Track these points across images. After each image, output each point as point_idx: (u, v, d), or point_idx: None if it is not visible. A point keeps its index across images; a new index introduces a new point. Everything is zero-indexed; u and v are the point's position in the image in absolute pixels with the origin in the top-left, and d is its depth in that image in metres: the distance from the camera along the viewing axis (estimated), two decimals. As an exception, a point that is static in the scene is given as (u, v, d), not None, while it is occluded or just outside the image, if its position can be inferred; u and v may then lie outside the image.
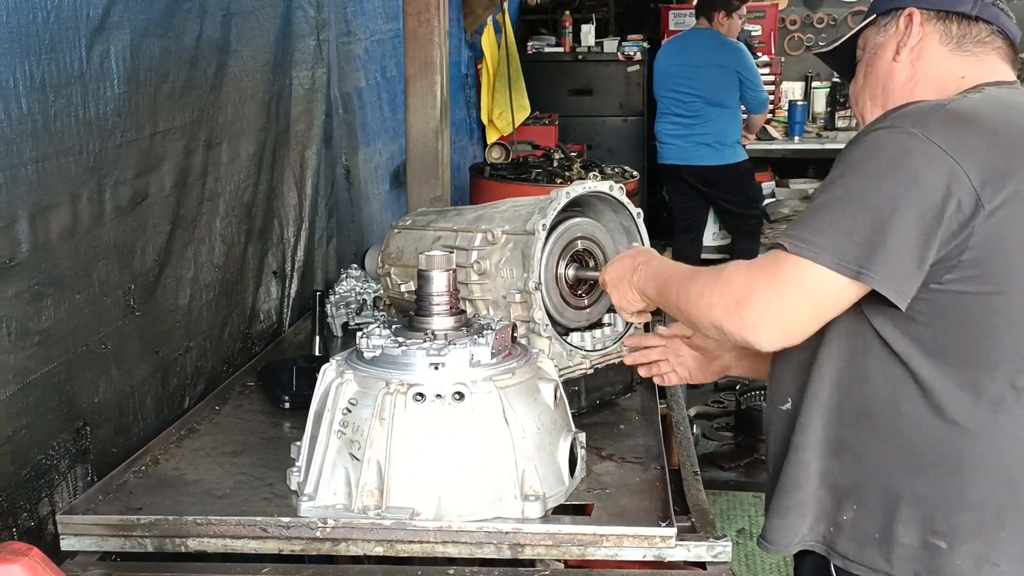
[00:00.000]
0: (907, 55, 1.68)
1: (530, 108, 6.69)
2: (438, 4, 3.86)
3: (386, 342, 1.87)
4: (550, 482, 1.82)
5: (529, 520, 1.76)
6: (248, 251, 2.97)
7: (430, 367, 1.80)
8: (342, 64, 3.88)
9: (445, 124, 4.07)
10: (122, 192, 2.26)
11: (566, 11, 7.90)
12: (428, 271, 1.94)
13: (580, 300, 2.32)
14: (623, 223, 2.40)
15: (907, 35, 1.67)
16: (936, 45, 1.67)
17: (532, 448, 1.80)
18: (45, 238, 1.99)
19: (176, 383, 2.55)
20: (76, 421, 2.12)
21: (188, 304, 2.61)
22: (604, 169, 5.39)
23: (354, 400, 1.81)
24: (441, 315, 1.93)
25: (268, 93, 3.04)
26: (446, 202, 4.12)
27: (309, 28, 3.33)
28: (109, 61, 2.17)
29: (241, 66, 2.83)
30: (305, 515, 1.78)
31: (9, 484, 1.89)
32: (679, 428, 2.33)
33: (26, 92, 1.90)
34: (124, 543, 1.80)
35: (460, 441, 1.77)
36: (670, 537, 1.73)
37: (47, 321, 2.01)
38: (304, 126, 3.33)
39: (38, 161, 1.95)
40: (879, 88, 1.72)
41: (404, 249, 2.59)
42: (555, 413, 1.90)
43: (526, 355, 1.95)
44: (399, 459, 1.75)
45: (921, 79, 1.68)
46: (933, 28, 1.66)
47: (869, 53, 1.75)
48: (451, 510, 1.76)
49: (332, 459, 1.81)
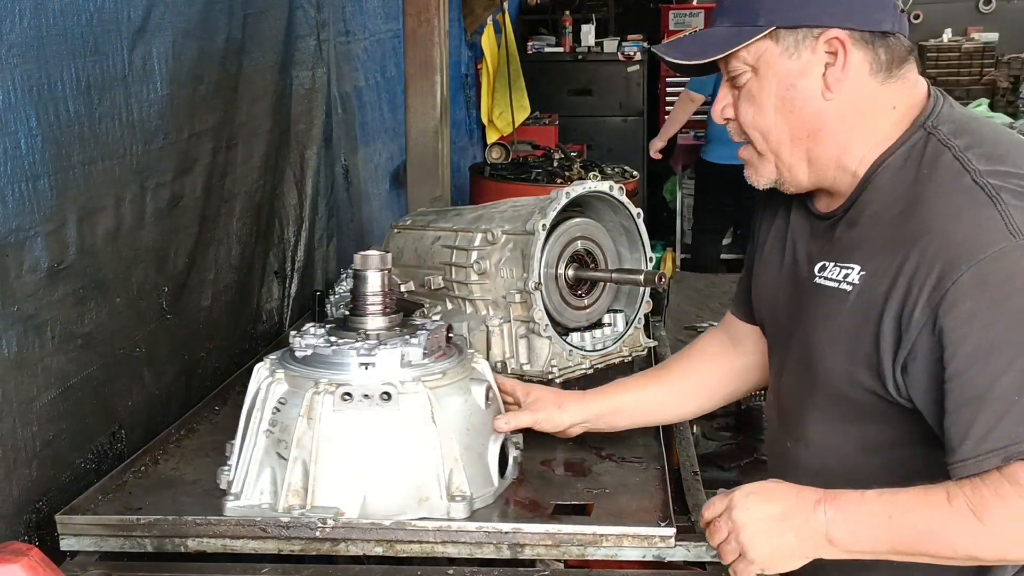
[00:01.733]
0: (840, 91, 1.43)
1: (530, 108, 6.70)
2: (438, 4, 3.86)
3: (318, 341, 1.87)
4: (478, 483, 1.82)
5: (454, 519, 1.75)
6: (256, 252, 2.98)
7: (360, 367, 1.80)
8: (340, 64, 3.88)
9: (445, 124, 4.06)
10: (162, 194, 2.28)
11: (566, 11, 7.91)
12: (362, 271, 1.94)
13: (580, 300, 2.32)
14: (623, 223, 2.40)
15: (842, 67, 1.42)
16: (867, 77, 1.44)
17: (460, 449, 1.80)
18: (91, 241, 2.01)
19: (197, 385, 2.56)
20: (112, 424, 2.14)
21: (210, 306, 2.62)
22: (604, 169, 5.39)
23: (283, 399, 1.82)
24: (375, 315, 1.92)
25: (276, 93, 3.04)
26: (446, 202, 4.12)
27: (309, 28, 3.33)
28: (151, 63, 2.19)
29: (254, 66, 2.84)
30: (229, 514, 1.78)
31: (49, 488, 1.91)
32: (679, 428, 2.32)
33: (73, 94, 1.92)
34: (124, 543, 1.80)
35: (386, 441, 1.77)
36: (670, 537, 1.73)
37: (89, 324, 2.03)
38: (304, 126, 3.33)
39: (85, 164, 1.97)
40: (804, 131, 1.48)
41: (404, 249, 2.60)
42: (486, 414, 1.89)
43: (460, 356, 1.94)
44: (325, 459, 1.75)
45: (854, 119, 1.46)
46: (862, 56, 1.43)
47: (773, 78, 1.46)
48: (376, 510, 1.76)
49: (260, 458, 1.81)
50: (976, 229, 1.30)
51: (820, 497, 1.41)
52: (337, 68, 3.78)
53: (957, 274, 1.28)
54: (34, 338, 1.86)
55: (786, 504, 1.43)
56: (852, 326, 1.44)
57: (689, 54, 1.50)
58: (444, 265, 2.38)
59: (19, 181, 1.78)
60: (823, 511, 1.39)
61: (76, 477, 1.99)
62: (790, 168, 1.53)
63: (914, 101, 1.48)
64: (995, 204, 1.30)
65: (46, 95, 1.84)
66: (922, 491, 1.34)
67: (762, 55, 1.46)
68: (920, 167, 1.42)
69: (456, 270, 2.34)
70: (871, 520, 1.36)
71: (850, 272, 1.45)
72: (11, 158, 1.76)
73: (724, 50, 1.46)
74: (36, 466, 1.87)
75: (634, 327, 2.39)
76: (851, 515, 1.38)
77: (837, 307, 1.47)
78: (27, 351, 1.84)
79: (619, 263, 2.40)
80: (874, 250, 1.42)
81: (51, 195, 1.87)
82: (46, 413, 1.90)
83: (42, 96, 1.83)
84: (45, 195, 1.85)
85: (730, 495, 1.48)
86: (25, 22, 1.77)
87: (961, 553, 1.33)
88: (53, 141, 1.86)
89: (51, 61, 1.84)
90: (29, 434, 1.85)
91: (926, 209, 1.36)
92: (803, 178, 1.53)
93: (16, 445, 1.81)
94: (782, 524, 1.42)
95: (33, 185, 1.82)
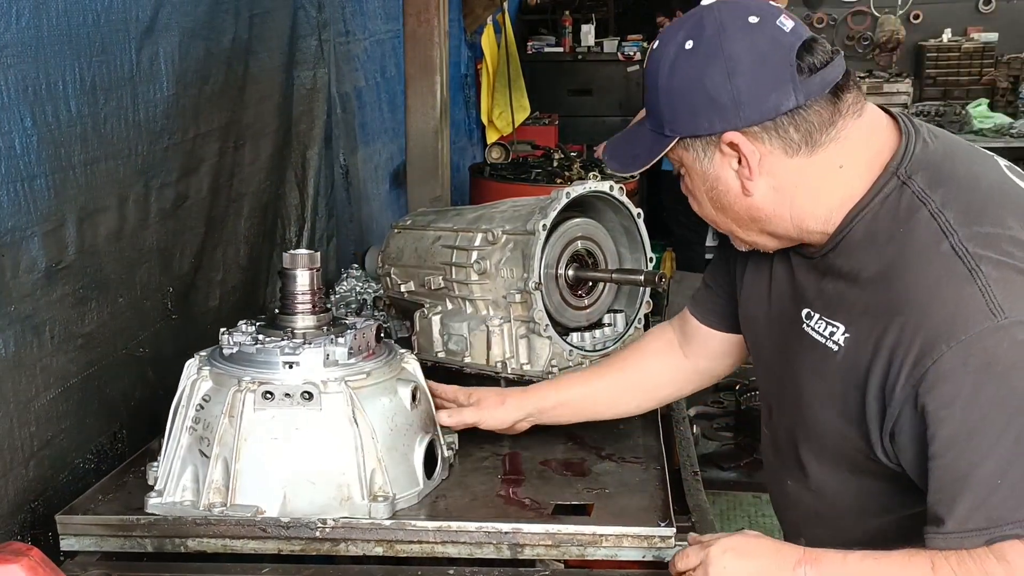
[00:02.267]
0: (759, 183, 1.41)
1: (530, 108, 6.70)
2: (438, 4, 3.86)
3: (245, 339, 1.87)
4: (401, 483, 1.82)
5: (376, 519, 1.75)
6: (262, 252, 2.98)
7: (284, 366, 1.80)
8: (341, 64, 3.88)
9: (445, 124, 4.07)
10: (166, 195, 2.27)
11: (566, 11, 7.92)
12: (291, 270, 1.93)
13: (580, 300, 2.32)
14: (623, 223, 2.40)
15: (745, 166, 1.40)
16: (784, 160, 1.39)
17: (383, 449, 1.80)
18: (92, 241, 2.01)
19: None
20: (113, 425, 2.14)
21: (218, 306, 2.62)
22: (604, 169, 5.39)
23: (208, 397, 1.82)
24: (304, 314, 1.92)
25: (282, 94, 3.05)
26: (446, 202, 4.12)
27: (311, 28, 3.33)
28: (158, 63, 2.19)
29: (260, 66, 2.84)
30: (151, 511, 1.79)
31: (47, 488, 1.91)
32: (679, 428, 2.33)
33: (75, 94, 1.91)
34: (124, 543, 1.80)
35: (307, 441, 1.77)
36: (669, 537, 1.73)
37: (90, 324, 2.03)
38: (306, 126, 3.33)
39: (87, 164, 1.97)
40: (746, 219, 1.48)
41: (404, 249, 2.59)
42: (412, 414, 1.89)
43: (389, 356, 1.94)
44: (246, 457, 1.76)
45: (795, 197, 1.42)
46: (770, 145, 1.38)
47: (698, 179, 1.47)
48: (297, 508, 1.76)
49: (183, 456, 1.82)
50: (956, 307, 1.26)
51: (801, 558, 1.39)
52: (337, 68, 3.79)
53: (937, 354, 1.26)
54: (32, 338, 1.86)
55: (764, 562, 1.41)
56: (841, 389, 1.41)
57: (624, 164, 1.54)
58: (444, 265, 2.37)
59: (13, 181, 1.77)
60: (803, 573, 1.37)
61: (75, 477, 1.99)
62: (753, 243, 1.54)
63: (874, 147, 1.42)
64: (975, 279, 1.27)
65: (43, 95, 1.83)
66: (907, 556, 1.32)
67: (682, 159, 1.48)
68: (896, 222, 1.37)
69: (456, 270, 2.34)
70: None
71: (836, 331, 1.42)
72: (4, 158, 1.75)
73: (646, 162, 1.49)
74: (33, 466, 1.87)
75: (634, 327, 2.39)
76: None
77: (826, 366, 1.44)
78: (25, 351, 1.84)
79: (619, 263, 2.40)
80: (855, 313, 1.40)
81: (48, 195, 1.86)
82: (45, 413, 1.90)
83: (39, 96, 1.82)
84: (42, 195, 1.85)
85: (707, 549, 1.46)
86: (23, 22, 1.77)
87: None
88: (51, 141, 1.86)
89: (51, 61, 1.84)
90: (27, 434, 1.85)
91: (905, 280, 1.33)
92: (771, 245, 1.54)
93: (12, 445, 1.81)
94: None
95: (29, 185, 1.81)
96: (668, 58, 1.41)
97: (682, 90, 1.40)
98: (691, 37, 1.39)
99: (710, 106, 1.38)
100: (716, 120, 1.38)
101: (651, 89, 1.46)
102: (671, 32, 1.44)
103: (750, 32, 1.36)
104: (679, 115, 1.42)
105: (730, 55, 1.35)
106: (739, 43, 1.36)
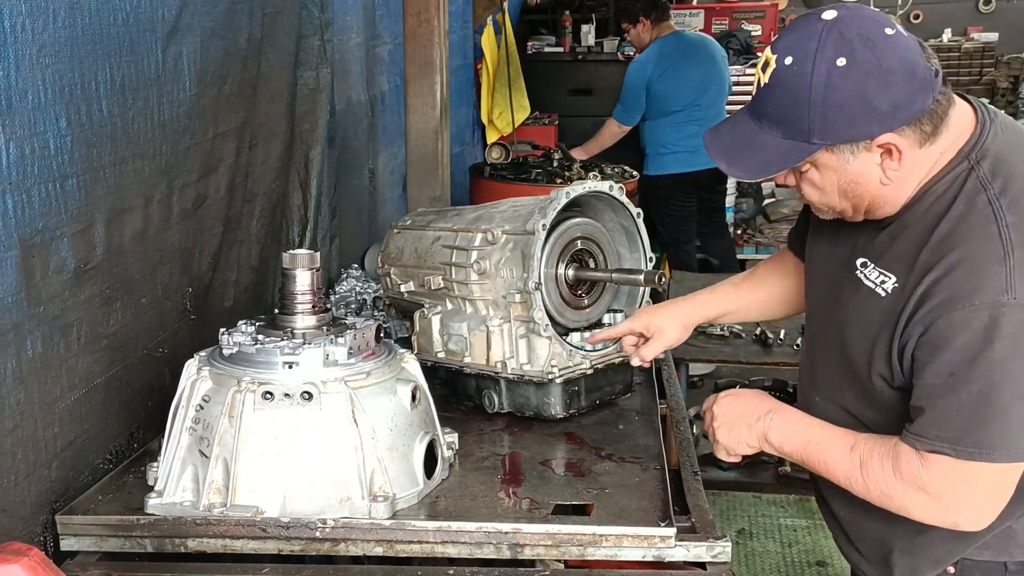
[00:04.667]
0: (897, 174, 1.60)
1: (530, 108, 6.69)
2: (438, 4, 3.86)
3: (245, 339, 1.87)
4: (402, 483, 1.83)
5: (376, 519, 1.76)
6: (271, 252, 2.99)
7: (284, 366, 1.80)
8: (371, 67, 3.87)
9: (445, 124, 4.07)
10: (187, 195, 2.27)
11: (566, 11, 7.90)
12: (291, 269, 1.93)
13: (580, 300, 2.32)
14: (623, 223, 2.40)
15: (898, 160, 1.57)
16: (918, 151, 1.58)
17: (383, 449, 1.80)
18: (119, 242, 2.01)
19: None
20: (131, 425, 2.14)
21: (231, 306, 2.62)
22: (604, 169, 5.39)
23: (207, 397, 1.82)
24: (304, 314, 1.93)
25: (290, 94, 3.04)
26: (446, 202, 4.12)
27: (313, 28, 3.33)
28: (181, 63, 2.18)
29: (270, 66, 2.83)
30: (151, 511, 1.79)
31: (68, 489, 1.91)
32: (679, 428, 2.33)
33: (107, 94, 1.91)
34: (124, 543, 1.80)
35: (307, 441, 1.77)
36: (669, 537, 1.73)
37: (114, 325, 2.03)
38: (309, 126, 3.32)
39: (116, 164, 1.96)
40: (864, 203, 1.65)
41: (404, 249, 2.60)
42: (412, 414, 1.89)
43: (389, 356, 1.94)
44: (246, 457, 1.76)
45: (909, 180, 1.62)
46: (912, 140, 1.56)
47: (834, 175, 1.62)
48: (297, 508, 1.77)
49: (183, 456, 1.82)
50: (982, 280, 1.50)
51: (772, 408, 1.78)
52: (368, 72, 3.78)
53: (953, 309, 1.52)
54: (59, 339, 1.85)
55: (748, 406, 1.81)
56: (879, 328, 1.64)
57: (752, 172, 1.64)
58: (444, 265, 2.37)
59: (46, 182, 1.77)
60: (769, 418, 1.77)
61: (95, 478, 1.99)
62: (852, 218, 1.72)
63: (959, 132, 1.61)
64: (1006, 261, 1.50)
65: (78, 95, 1.83)
66: (840, 433, 1.70)
67: (818, 158, 1.59)
68: (957, 200, 1.58)
69: (456, 270, 2.34)
70: (796, 438, 1.74)
71: (887, 280, 1.64)
72: (39, 158, 1.74)
73: (784, 167, 1.62)
74: (56, 467, 1.87)
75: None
76: (785, 429, 1.75)
77: (871, 307, 1.66)
78: (52, 352, 1.83)
79: (619, 263, 2.40)
80: (906, 268, 1.61)
81: (79, 196, 1.85)
82: (69, 414, 1.90)
83: (74, 96, 1.82)
84: (73, 196, 1.84)
85: (718, 395, 1.87)
86: (60, 21, 1.76)
87: (842, 482, 1.68)
88: (83, 141, 1.85)
89: (85, 61, 1.83)
90: (51, 435, 1.85)
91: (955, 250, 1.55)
92: (859, 217, 1.71)
93: (37, 446, 1.81)
94: (740, 420, 1.80)
95: (61, 186, 1.80)
96: (821, 76, 1.51)
97: (841, 103, 1.52)
98: (842, 55, 1.51)
99: (871, 115, 1.52)
100: (875, 126, 1.53)
101: (794, 104, 1.55)
102: (805, 48, 1.53)
103: (894, 44, 1.52)
104: (833, 125, 1.54)
105: (888, 68, 1.50)
106: (890, 56, 1.51)
